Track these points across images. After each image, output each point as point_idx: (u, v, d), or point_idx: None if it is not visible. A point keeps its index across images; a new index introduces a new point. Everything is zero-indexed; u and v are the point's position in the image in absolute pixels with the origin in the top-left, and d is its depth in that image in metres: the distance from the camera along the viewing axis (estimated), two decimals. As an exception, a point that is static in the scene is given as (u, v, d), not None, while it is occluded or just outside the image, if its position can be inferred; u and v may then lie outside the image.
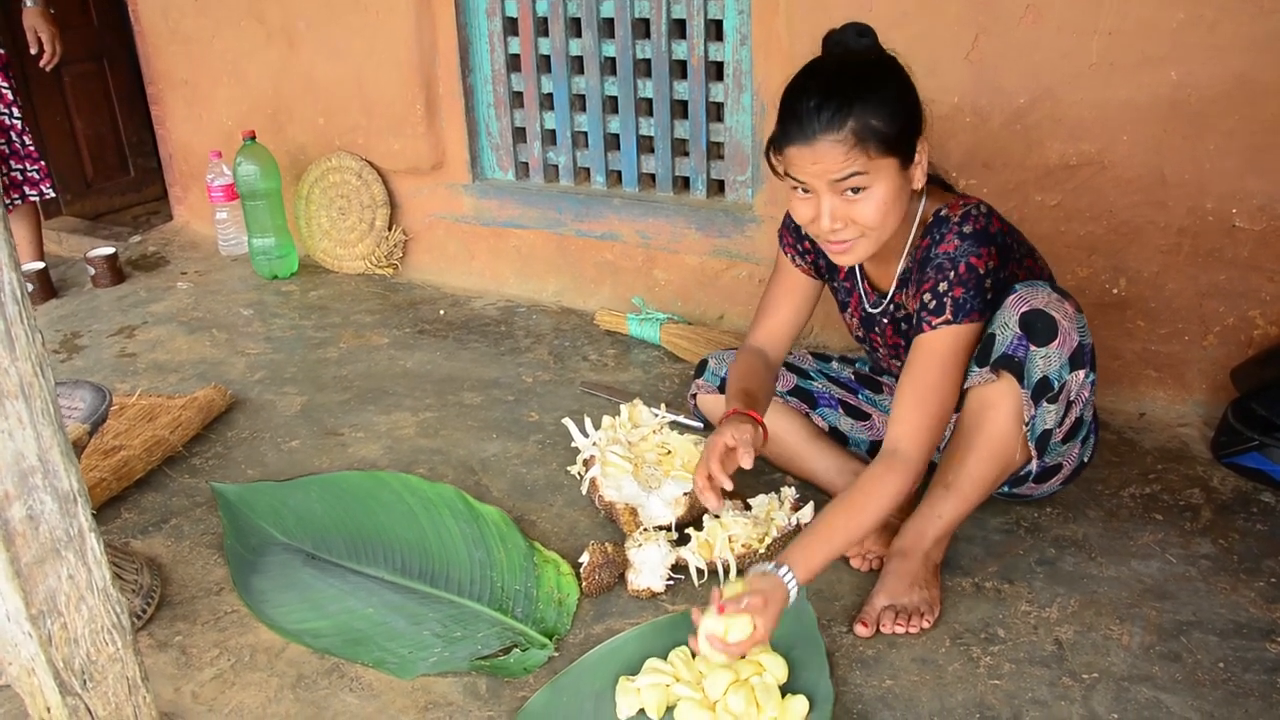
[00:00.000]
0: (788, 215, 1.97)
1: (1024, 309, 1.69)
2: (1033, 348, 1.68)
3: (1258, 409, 2.12)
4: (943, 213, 1.73)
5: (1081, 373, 1.73)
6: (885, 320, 1.94)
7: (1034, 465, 1.77)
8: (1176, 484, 2.14)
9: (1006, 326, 1.70)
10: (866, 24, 1.73)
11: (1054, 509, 2.06)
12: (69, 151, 4.47)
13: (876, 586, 1.79)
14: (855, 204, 1.65)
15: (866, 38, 1.71)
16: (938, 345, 1.70)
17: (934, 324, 1.70)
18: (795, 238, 1.99)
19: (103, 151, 4.61)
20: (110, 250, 3.68)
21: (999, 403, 1.71)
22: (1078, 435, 1.86)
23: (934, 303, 1.70)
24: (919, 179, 1.70)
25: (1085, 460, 1.95)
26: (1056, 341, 1.68)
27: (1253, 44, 2.10)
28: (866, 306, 1.96)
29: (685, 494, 2.00)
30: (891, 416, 1.72)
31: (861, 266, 1.94)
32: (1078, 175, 2.35)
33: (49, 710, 1.40)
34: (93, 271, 3.63)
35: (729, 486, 1.76)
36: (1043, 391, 1.70)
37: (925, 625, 1.74)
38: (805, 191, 1.68)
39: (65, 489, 1.29)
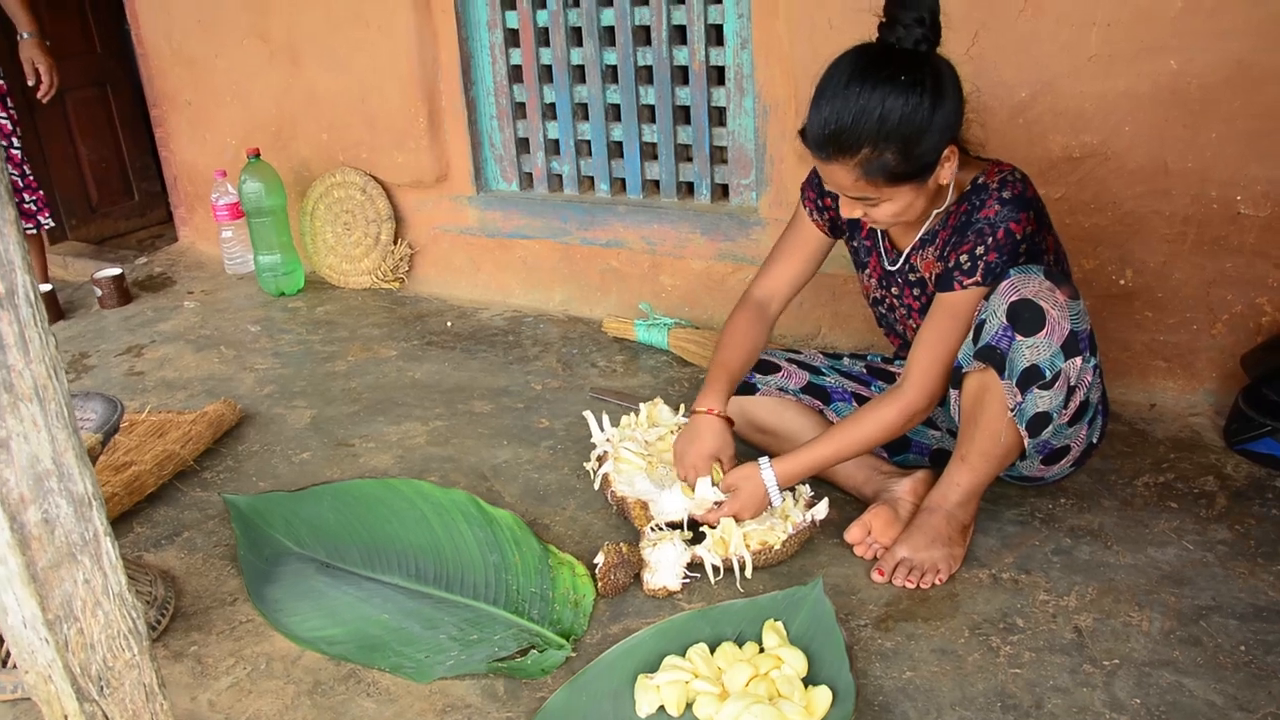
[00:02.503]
0: (814, 170, 2.03)
1: (1013, 298, 1.70)
2: (1018, 338, 1.70)
3: (1269, 394, 2.12)
4: (980, 180, 1.79)
5: (1079, 359, 1.73)
6: (901, 280, 1.99)
7: (1027, 444, 1.80)
8: (1190, 472, 2.13)
9: (995, 315, 1.72)
10: (933, 5, 1.67)
11: (1068, 499, 2.05)
12: (73, 177, 4.50)
13: (900, 538, 1.87)
14: (871, 208, 1.78)
15: (922, 28, 1.66)
16: (961, 304, 1.79)
17: (965, 284, 1.77)
18: (817, 193, 2.05)
19: (107, 176, 4.64)
20: (117, 271, 3.69)
21: (991, 388, 1.76)
22: (1084, 418, 1.87)
23: (969, 264, 1.76)
24: (945, 177, 1.75)
25: (1094, 442, 1.97)
26: (1044, 331, 1.69)
27: (1252, 29, 2.10)
28: (885, 264, 2.02)
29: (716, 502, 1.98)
30: (909, 357, 1.85)
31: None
32: (1081, 167, 2.36)
33: (66, 718, 1.40)
34: (99, 293, 3.64)
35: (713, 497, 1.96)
36: (1032, 379, 1.72)
37: (938, 581, 1.82)
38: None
39: (80, 492, 1.29)
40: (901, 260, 1.97)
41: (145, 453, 2.38)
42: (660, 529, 1.92)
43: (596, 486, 2.12)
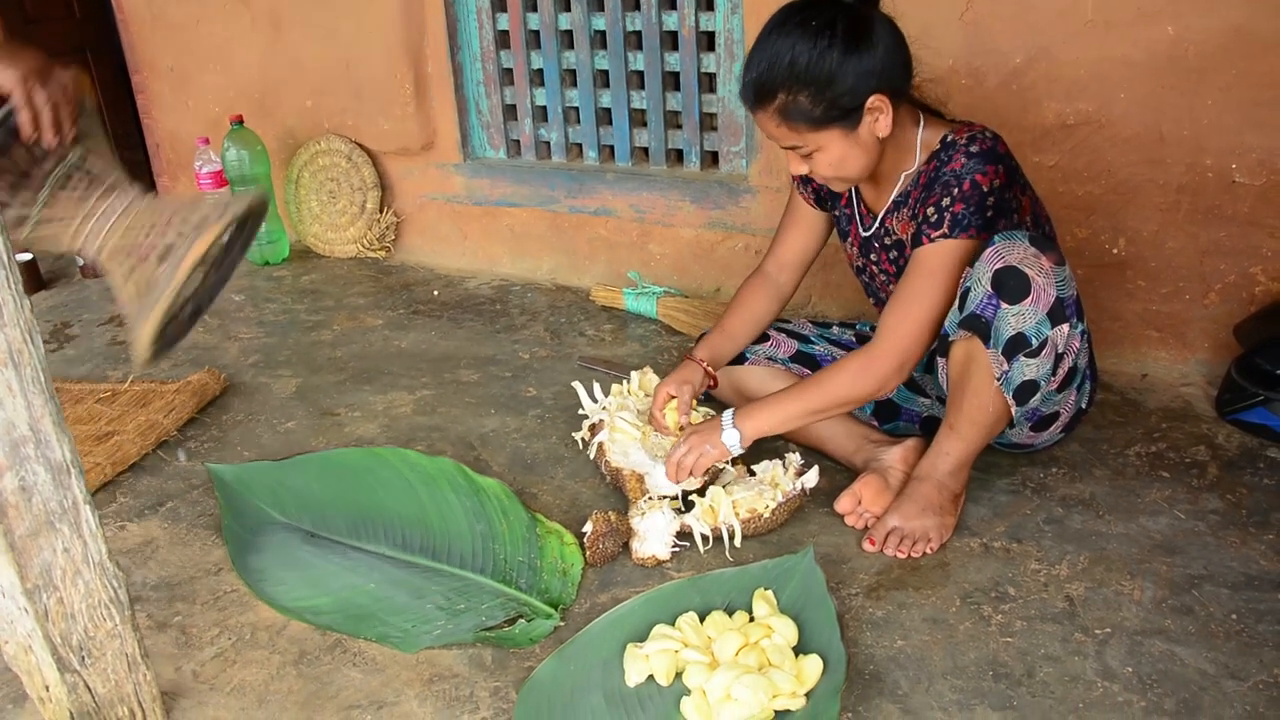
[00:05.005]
0: None
1: (998, 265, 1.68)
2: (1003, 306, 1.68)
3: (1262, 364, 2.11)
4: (949, 138, 1.79)
5: (1066, 326, 1.72)
6: (878, 245, 1.98)
7: (1014, 413, 1.80)
8: (1182, 442, 2.13)
9: (979, 283, 1.70)
10: None
11: (1059, 469, 2.04)
12: (54, 144, 4.42)
13: (891, 507, 1.86)
14: (809, 160, 1.79)
15: None
16: (929, 257, 1.77)
17: (932, 236, 1.76)
18: None
19: (89, 144, 4.56)
20: (99, 240, 3.63)
21: (976, 357, 1.75)
22: (1072, 383, 1.86)
23: (935, 216, 1.75)
24: (882, 129, 1.74)
25: (1084, 407, 1.97)
26: (1029, 299, 1.67)
27: (1251, -5, 2.08)
28: (861, 230, 2.01)
29: (703, 476, 1.97)
30: (881, 315, 1.84)
31: (858, 191, 1.99)
32: (1075, 135, 2.33)
33: (48, 689, 1.38)
34: (81, 262, 3.59)
35: (667, 428, 2.03)
36: (1018, 347, 1.70)
37: (929, 550, 1.81)
38: None
39: (58, 459, 1.27)
40: (876, 224, 1.96)
41: (128, 422, 2.35)
42: (651, 499, 1.91)
43: (591, 455, 2.10)
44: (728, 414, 1.90)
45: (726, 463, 1.98)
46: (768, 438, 2.00)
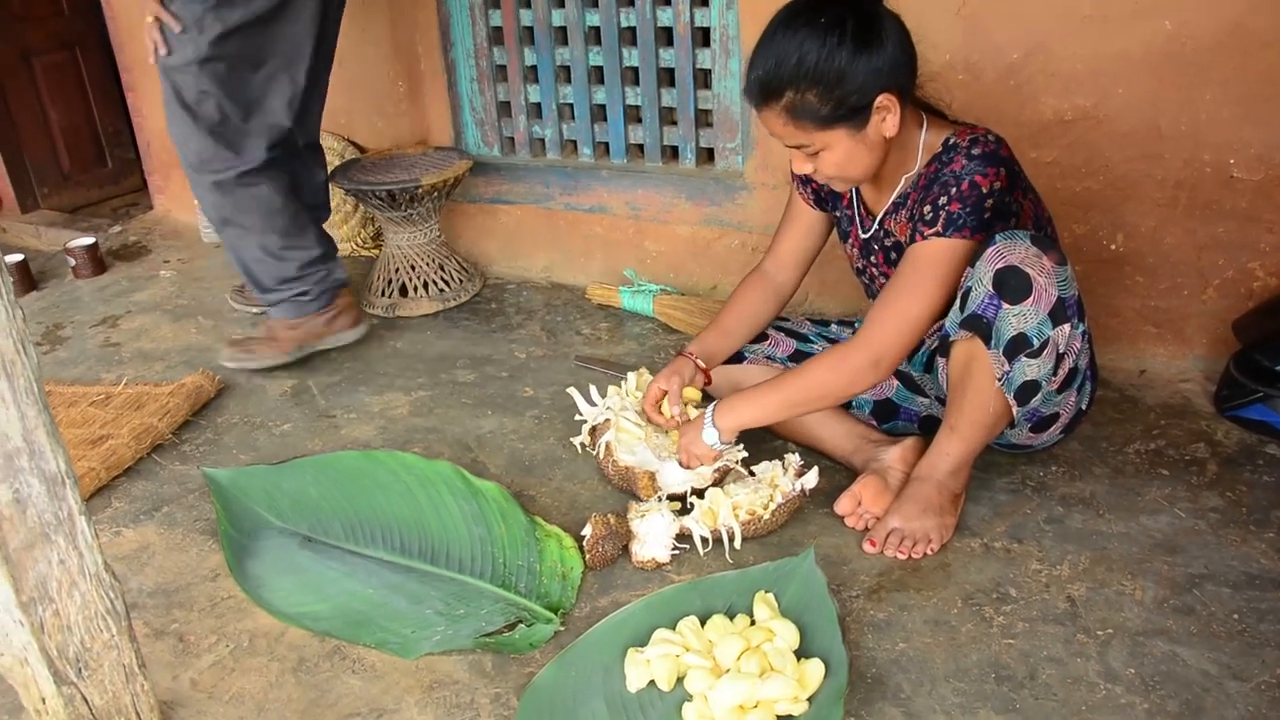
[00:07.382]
0: None
1: (999, 265, 1.67)
2: (1005, 306, 1.67)
3: (1261, 360, 2.10)
4: (951, 140, 1.77)
5: (1067, 326, 1.71)
6: (876, 246, 1.97)
7: (1015, 413, 1.79)
8: (1181, 439, 2.12)
9: (981, 282, 1.69)
10: None
11: (1059, 467, 2.04)
12: (44, 144, 4.39)
13: (891, 507, 1.85)
14: (814, 159, 1.76)
15: None
16: (921, 253, 1.75)
17: (925, 234, 1.75)
18: None
19: (79, 143, 4.53)
20: (90, 240, 3.61)
21: (978, 357, 1.74)
22: (1073, 384, 1.85)
23: (930, 214, 1.74)
24: (890, 129, 1.73)
25: (1084, 408, 1.96)
26: (1031, 299, 1.66)
27: (1249, -10, 2.07)
28: (861, 231, 2.00)
29: (715, 470, 1.96)
30: (870, 310, 1.83)
31: (859, 192, 1.98)
32: (1073, 130, 2.32)
33: (44, 701, 1.37)
34: (73, 262, 3.57)
35: (662, 421, 2.03)
36: (1020, 347, 1.70)
37: (930, 551, 1.80)
38: None
39: (53, 471, 1.25)
40: (875, 225, 1.95)
41: (122, 426, 2.33)
42: (663, 500, 1.90)
43: (599, 455, 2.09)
44: (710, 409, 1.90)
45: (737, 462, 1.98)
46: (768, 439, 1.99)
